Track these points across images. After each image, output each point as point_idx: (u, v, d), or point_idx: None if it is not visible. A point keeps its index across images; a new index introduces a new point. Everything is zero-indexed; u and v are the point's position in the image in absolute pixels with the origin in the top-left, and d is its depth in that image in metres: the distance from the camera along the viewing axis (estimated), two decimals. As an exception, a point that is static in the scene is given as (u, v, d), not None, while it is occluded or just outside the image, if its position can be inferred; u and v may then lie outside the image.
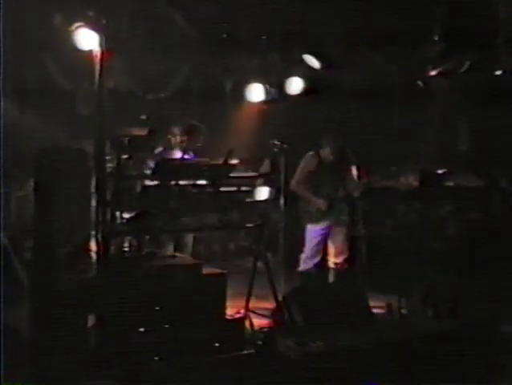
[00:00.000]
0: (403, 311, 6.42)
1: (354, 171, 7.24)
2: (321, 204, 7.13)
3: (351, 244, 7.29)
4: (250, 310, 5.94)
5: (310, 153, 7.32)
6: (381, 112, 8.34)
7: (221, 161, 5.69)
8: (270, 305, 6.00)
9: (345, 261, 7.26)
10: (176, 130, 6.71)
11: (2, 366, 4.46)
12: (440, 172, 8.01)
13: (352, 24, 7.52)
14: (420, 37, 7.54)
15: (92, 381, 4.69)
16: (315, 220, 7.21)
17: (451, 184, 7.94)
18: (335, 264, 7.25)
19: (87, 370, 4.73)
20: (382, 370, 5.08)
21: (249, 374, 4.88)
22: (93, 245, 5.12)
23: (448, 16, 7.35)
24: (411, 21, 7.17)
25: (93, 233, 5.10)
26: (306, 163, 7.30)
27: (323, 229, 7.23)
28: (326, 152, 7.22)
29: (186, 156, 6.65)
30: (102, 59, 5.28)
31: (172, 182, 5.57)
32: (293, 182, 7.25)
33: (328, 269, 7.28)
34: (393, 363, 5.17)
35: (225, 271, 5.70)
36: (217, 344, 5.19)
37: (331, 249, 7.29)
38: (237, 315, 5.75)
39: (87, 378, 4.69)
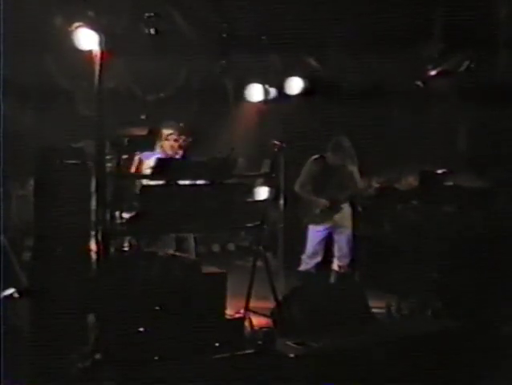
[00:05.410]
0: (403, 311, 6.42)
1: (356, 172, 7.24)
2: (323, 203, 7.13)
3: (355, 246, 7.28)
4: (250, 309, 5.94)
5: (315, 157, 7.31)
6: (381, 112, 8.33)
7: (221, 161, 5.69)
8: (270, 305, 6.00)
9: (349, 263, 7.25)
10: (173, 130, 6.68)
11: (2, 366, 4.46)
12: (440, 172, 8.00)
13: (352, 24, 7.53)
14: (420, 37, 7.53)
15: (92, 381, 4.69)
16: (318, 222, 7.21)
17: (451, 184, 7.92)
18: (339, 267, 7.24)
19: (86, 370, 4.73)
20: (382, 370, 5.09)
21: (249, 374, 4.87)
22: (93, 245, 5.11)
23: (448, 16, 7.34)
24: (411, 21, 7.17)
25: (93, 233, 5.10)
26: (311, 166, 7.29)
27: (324, 230, 7.23)
28: (330, 156, 7.21)
29: (185, 156, 6.64)
30: (102, 59, 5.28)
31: (172, 182, 5.57)
32: (297, 185, 7.26)
33: (331, 270, 7.28)
34: (393, 363, 5.17)
35: (224, 271, 5.71)
36: (217, 344, 5.19)
37: (336, 252, 7.29)
38: (237, 315, 5.75)
39: (87, 378, 4.69)
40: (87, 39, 6.24)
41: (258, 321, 5.85)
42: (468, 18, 6.95)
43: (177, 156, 6.51)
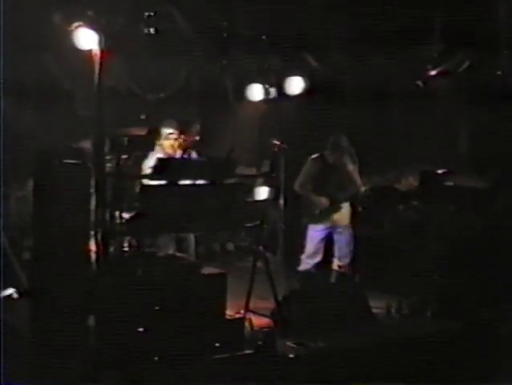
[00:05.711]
0: (403, 311, 6.42)
1: (356, 171, 7.24)
2: (323, 202, 7.13)
3: (355, 246, 7.28)
4: (250, 309, 5.94)
5: (315, 156, 7.30)
6: (381, 112, 8.33)
7: (221, 161, 5.69)
8: (270, 305, 6.00)
9: (349, 263, 7.24)
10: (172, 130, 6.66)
11: (2, 366, 4.45)
12: (440, 172, 8.01)
13: (352, 24, 7.53)
14: (420, 37, 7.53)
15: (92, 381, 4.68)
16: (317, 221, 7.21)
17: (451, 184, 7.93)
18: (339, 266, 7.24)
19: (86, 370, 4.72)
20: (382, 370, 5.09)
21: (249, 374, 4.87)
22: (93, 245, 5.11)
23: (448, 16, 7.34)
24: (411, 21, 7.17)
25: (93, 233, 5.10)
26: (311, 165, 7.29)
27: (324, 229, 7.23)
28: (330, 155, 7.20)
29: (186, 156, 6.64)
30: (101, 59, 5.28)
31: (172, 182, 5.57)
32: (296, 184, 7.26)
33: (331, 270, 7.27)
34: (393, 363, 5.17)
35: (224, 271, 5.70)
36: (217, 344, 5.19)
37: (336, 252, 7.29)
38: (237, 315, 5.75)
39: (87, 378, 4.69)
40: (86, 39, 6.24)
41: (258, 321, 5.85)
42: (468, 18, 6.95)
43: (177, 156, 6.51)
